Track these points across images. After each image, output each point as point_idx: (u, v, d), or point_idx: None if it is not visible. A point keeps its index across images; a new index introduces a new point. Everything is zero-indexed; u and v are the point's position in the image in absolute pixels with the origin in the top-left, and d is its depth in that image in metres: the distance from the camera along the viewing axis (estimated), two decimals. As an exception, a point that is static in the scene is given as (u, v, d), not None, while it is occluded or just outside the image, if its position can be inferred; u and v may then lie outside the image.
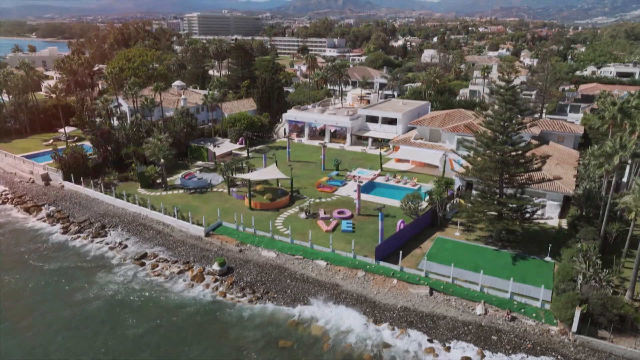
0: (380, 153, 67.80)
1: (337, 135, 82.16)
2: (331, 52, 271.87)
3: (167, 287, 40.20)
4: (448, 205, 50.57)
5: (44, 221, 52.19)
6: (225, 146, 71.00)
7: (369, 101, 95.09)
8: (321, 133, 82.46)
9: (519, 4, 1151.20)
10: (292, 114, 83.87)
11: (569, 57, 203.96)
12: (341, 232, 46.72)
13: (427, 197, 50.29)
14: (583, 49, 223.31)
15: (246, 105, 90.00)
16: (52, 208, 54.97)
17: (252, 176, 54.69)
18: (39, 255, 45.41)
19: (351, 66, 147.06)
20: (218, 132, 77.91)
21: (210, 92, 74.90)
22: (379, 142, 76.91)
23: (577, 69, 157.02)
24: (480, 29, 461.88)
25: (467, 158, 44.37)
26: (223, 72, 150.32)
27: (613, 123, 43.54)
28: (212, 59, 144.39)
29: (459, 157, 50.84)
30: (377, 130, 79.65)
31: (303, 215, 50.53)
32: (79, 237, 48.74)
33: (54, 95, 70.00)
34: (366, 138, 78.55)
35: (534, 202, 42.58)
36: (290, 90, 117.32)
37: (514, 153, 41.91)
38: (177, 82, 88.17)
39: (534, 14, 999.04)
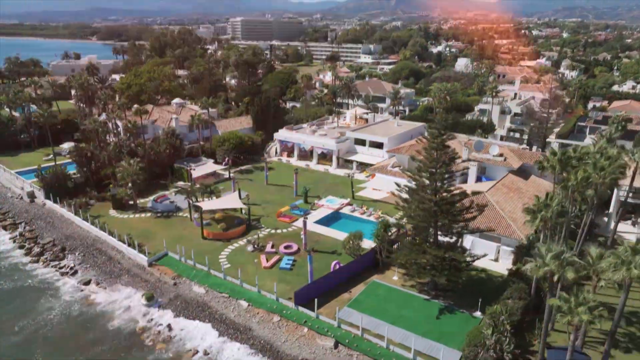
0: (352, 181, 66.86)
1: (327, 156, 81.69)
2: (365, 59, 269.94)
3: (95, 319, 41.94)
4: (395, 246, 49.27)
5: (14, 241, 55.77)
6: (206, 167, 72.64)
7: (367, 120, 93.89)
8: (312, 154, 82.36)
9: (583, 3, 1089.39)
10: (282, 134, 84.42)
11: (615, 67, 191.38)
12: (279, 270, 46.77)
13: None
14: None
15: (243, 123, 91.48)
16: (27, 227, 58.67)
17: (206, 205, 55.71)
18: (-7, 277, 48.76)
19: (367, 79, 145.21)
20: (207, 151, 79.66)
21: (198, 114, 76.73)
22: (365, 167, 75.87)
23: (613, 83, 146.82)
24: (534, 32, 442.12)
25: (399, 203, 43.20)
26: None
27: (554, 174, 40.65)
28: (234, 70, 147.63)
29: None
30: (364, 154, 78.66)
31: (250, 247, 50.94)
32: (38, 259, 51.75)
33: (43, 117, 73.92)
34: (352, 162, 77.81)
35: (462, 256, 40.59)
36: (298, 105, 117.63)
37: (445, 201, 40.31)
38: (176, 100, 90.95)
39: (600, 14, 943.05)
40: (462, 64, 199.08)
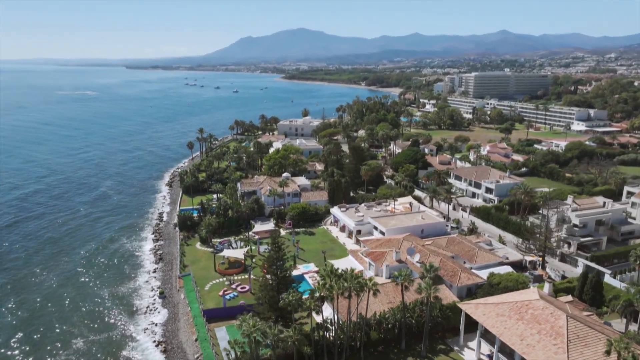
0: (324, 255, 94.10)
1: (361, 233, 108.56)
2: (579, 126, 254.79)
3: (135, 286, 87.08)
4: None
5: (150, 246, 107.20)
6: (267, 225, 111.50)
7: (411, 207, 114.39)
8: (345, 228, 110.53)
9: None
10: (334, 210, 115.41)
11: None
12: (223, 297, 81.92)
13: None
14: None
15: (324, 196, 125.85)
16: (159, 242, 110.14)
17: (226, 252, 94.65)
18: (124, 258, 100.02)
19: (483, 163, 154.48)
20: (282, 214, 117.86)
21: (273, 189, 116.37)
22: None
23: None
24: None
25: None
26: (398, 150, 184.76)
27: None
28: (383, 143, 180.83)
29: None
30: (375, 236, 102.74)
31: (227, 282, 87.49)
32: (150, 253, 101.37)
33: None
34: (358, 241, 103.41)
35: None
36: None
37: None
38: (285, 174, 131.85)
39: None
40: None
